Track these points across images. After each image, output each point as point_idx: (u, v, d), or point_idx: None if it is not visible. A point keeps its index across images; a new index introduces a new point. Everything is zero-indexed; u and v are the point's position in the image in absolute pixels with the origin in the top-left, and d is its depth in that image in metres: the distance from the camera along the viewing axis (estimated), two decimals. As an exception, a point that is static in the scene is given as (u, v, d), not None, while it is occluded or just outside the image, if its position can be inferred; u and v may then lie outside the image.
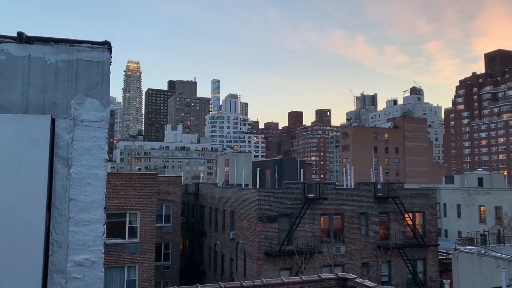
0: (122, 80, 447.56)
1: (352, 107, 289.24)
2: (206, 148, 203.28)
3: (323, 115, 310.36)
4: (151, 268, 24.16)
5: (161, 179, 34.13)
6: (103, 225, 2.83)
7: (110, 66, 3.03)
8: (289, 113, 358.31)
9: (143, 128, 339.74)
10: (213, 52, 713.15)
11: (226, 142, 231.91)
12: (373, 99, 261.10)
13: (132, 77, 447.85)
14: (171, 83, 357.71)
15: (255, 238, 27.28)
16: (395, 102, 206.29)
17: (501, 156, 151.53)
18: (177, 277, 34.38)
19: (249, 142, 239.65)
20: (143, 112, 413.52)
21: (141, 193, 24.14)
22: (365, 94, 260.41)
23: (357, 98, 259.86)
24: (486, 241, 31.98)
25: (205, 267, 37.89)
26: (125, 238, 23.66)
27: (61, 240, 2.71)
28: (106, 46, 3.00)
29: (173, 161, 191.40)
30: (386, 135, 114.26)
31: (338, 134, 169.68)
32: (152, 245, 24.31)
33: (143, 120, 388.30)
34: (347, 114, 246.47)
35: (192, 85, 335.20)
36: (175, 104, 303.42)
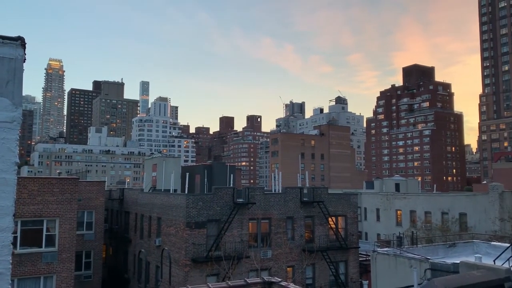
0: (43, 78, 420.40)
1: (281, 114, 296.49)
2: (133, 152, 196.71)
3: (254, 121, 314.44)
4: (70, 278, 22.81)
5: (83, 184, 32.46)
6: (11, 233, 2.64)
7: (24, 63, 2.85)
8: (220, 118, 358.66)
9: (64, 130, 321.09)
10: (142, 54, 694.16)
11: (155, 146, 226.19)
12: (301, 107, 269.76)
13: (54, 75, 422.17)
14: (97, 84, 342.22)
15: (182, 245, 26.84)
16: (321, 110, 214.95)
17: (416, 163, 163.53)
18: (99, 286, 32.79)
19: (179, 146, 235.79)
20: (65, 113, 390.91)
21: (60, 199, 22.75)
22: (294, 101, 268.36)
23: (286, 105, 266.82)
24: (401, 243, 34.15)
25: (129, 275, 36.54)
26: (41, 247, 22.12)
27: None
28: (19, 42, 2.81)
29: (97, 166, 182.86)
30: (312, 142, 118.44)
31: (268, 140, 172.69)
32: (71, 254, 22.98)
33: (65, 121, 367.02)
34: (277, 120, 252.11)
35: (119, 86, 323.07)
36: (101, 105, 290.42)
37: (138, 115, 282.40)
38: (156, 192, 36.25)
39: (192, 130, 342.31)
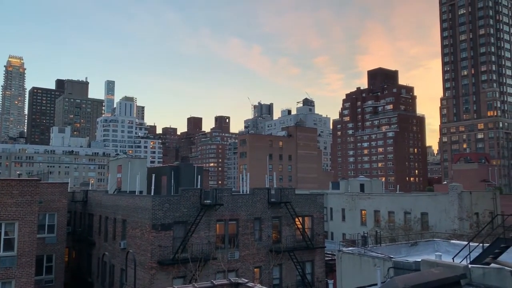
0: (2, 76, 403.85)
1: (250, 115, 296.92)
2: (97, 153, 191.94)
3: (222, 122, 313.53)
4: (31, 283, 22.02)
5: (45, 185, 31.39)
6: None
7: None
8: (188, 119, 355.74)
9: (25, 130, 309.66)
10: (108, 52, 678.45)
11: (120, 147, 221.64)
12: (269, 108, 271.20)
13: (14, 73, 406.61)
14: (60, 82, 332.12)
15: (148, 247, 26.44)
16: (289, 112, 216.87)
17: (379, 164, 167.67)
18: (60, 291, 31.78)
19: (145, 147, 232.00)
20: (26, 112, 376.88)
21: (20, 201, 21.93)
22: (262, 103, 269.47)
23: (254, 106, 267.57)
24: (366, 242, 34.91)
25: (93, 279, 35.64)
26: (-1, 252, 21.25)
27: None
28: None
29: (59, 167, 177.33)
30: (280, 143, 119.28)
31: (237, 141, 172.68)
32: (32, 258, 22.18)
33: (26, 121, 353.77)
34: (245, 121, 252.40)
35: (84, 85, 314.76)
36: (64, 105, 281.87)
37: (103, 115, 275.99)
38: (121, 194, 35.55)
39: (159, 130, 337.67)
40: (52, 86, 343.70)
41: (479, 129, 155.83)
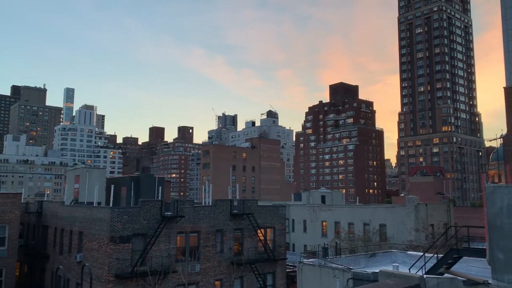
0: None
1: (214, 125, 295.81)
2: (54, 163, 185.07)
3: (185, 132, 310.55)
4: (-24, 301, 20.79)
5: (-4, 196, 29.92)
6: None
7: None
8: (150, 129, 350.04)
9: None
10: (67, 59, 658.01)
11: (79, 156, 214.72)
12: (233, 119, 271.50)
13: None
14: (16, 89, 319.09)
15: (105, 260, 25.62)
16: (253, 123, 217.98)
17: (340, 176, 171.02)
18: (10, 308, 30.16)
19: (105, 157, 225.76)
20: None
21: (-33, 213, 20.76)
22: (226, 114, 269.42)
23: (219, 117, 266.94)
24: (326, 254, 35.32)
25: (46, 294, 34.07)
26: None
27: None
28: None
29: (13, 176, 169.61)
30: (244, 154, 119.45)
31: (200, 152, 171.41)
32: (-22, 274, 20.97)
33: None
34: (209, 132, 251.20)
35: (41, 92, 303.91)
36: (19, 112, 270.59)
37: (61, 123, 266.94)
38: (78, 205, 34.37)
39: (119, 140, 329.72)
40: (7, 92, 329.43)
41: (434, 144, 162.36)
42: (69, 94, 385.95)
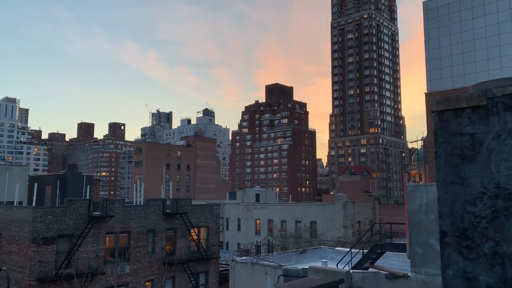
0: None
1: (147, 123, 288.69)
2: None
3: (116, 129, 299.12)
4: None
5: None
6: None
7: None
8: (78, 124, 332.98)
9: None
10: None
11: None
12: (168, 116, 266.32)
13: None
14: None
15: (26, 263, 24.04)
16: (189, 121, 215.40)
17: (275, 175, 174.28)
18: None
19: (28, 153, 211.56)
20: None
21: None
22: (161, 111, 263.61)
23: (153, 114, 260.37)
24: (259, 251, 35.83)
25: (-44, 303, 31.24)
26: None
27: None
28: None
29: None
30: (179, 153, 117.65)
31: (132, 149, 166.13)
32: None
33: None
34: (142, 129, 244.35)
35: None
36: None
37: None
38: (-4, 205, 31.91)
39: (45, 136, 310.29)
40: None
41: (362, 144, 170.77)
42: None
